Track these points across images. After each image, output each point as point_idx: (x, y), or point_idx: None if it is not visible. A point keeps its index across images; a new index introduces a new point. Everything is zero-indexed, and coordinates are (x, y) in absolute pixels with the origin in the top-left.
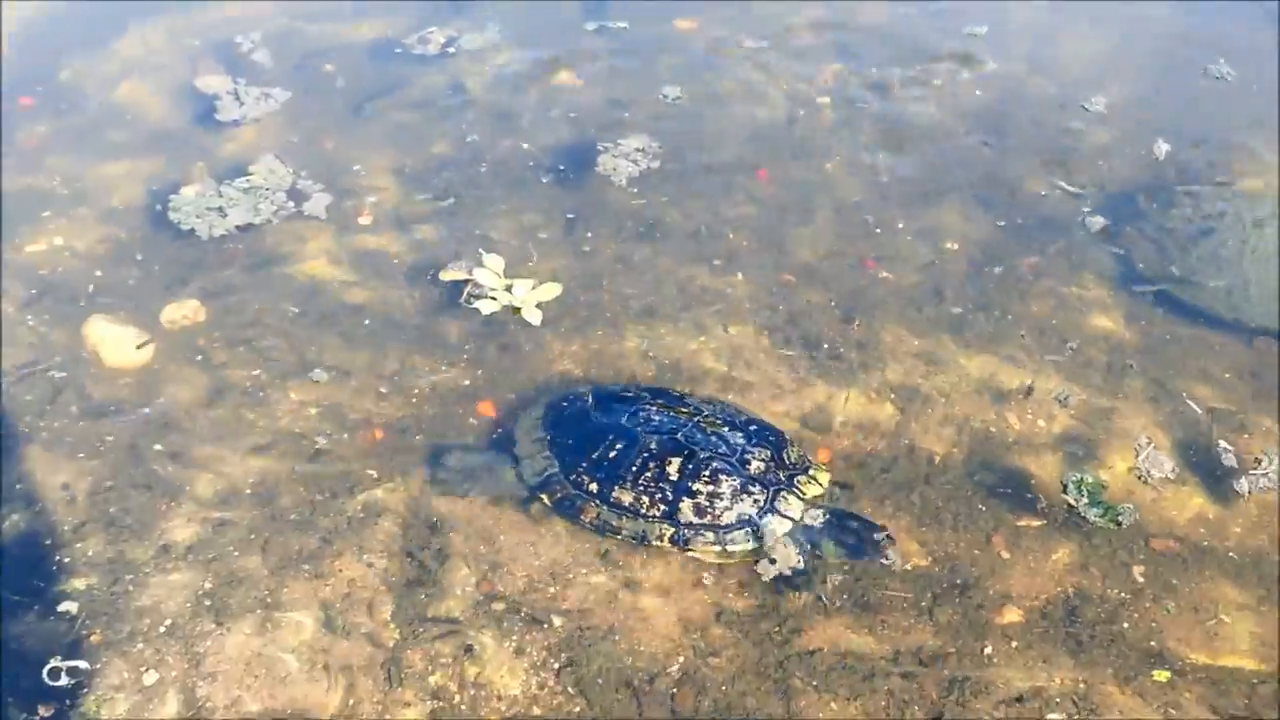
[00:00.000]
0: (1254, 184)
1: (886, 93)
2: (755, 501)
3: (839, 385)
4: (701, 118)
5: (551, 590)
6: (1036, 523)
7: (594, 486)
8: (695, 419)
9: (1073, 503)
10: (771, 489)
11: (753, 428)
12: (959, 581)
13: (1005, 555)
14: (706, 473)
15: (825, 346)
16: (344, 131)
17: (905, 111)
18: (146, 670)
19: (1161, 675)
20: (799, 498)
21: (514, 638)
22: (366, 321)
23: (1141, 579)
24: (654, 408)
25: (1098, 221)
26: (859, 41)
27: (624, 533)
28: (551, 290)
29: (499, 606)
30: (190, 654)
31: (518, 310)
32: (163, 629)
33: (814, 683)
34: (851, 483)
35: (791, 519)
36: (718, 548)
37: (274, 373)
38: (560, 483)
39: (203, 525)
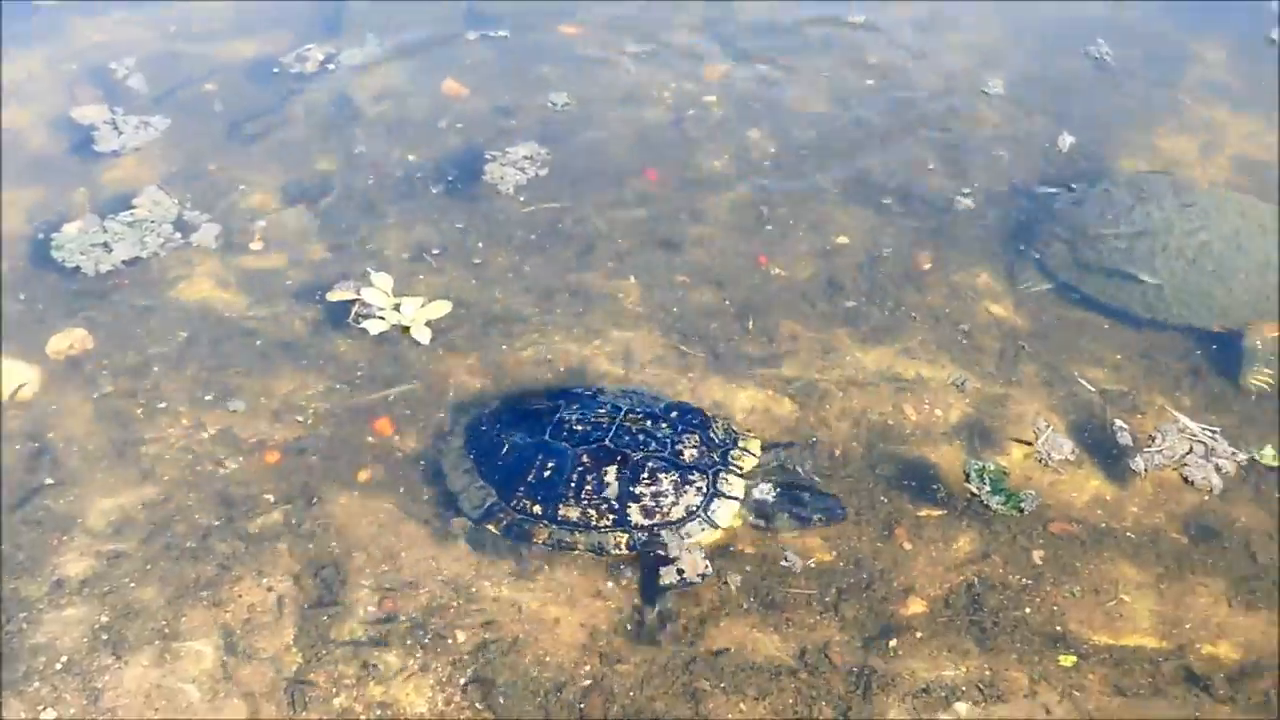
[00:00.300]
0: (1134, 165)
1: (773, 89)
2: (699, 490)
3: (736, 383)
4: (589, 122)
5: (455, 605)
6: (937, 513)
7: (538, 509)
8: (617, 419)
9: (975, 491)
10: (710, 473)
11: (674, 414)
12: (863, 575)
13: (907, 547)
14: (645, 474)
15: (721, 345)
16: (227, 154)
17: (793, 107)
18: (44, 709)
19: (1068, 659)
20: (738, 474)
21: (418, 655)
22: (258, 343)
23: (1041, 563)
24: (574, 417)
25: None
26: (743, 39)
27: (580, 547)
28: (441, 308)
29: (403, 624)
30: (88, 690)
31: (407, 329)
32: (59, 666)
33: (721, 684)
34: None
35: (737, 498)
36: (675, 542)
37: (164, 399)
38: (503, 510)
39: (96, 558)
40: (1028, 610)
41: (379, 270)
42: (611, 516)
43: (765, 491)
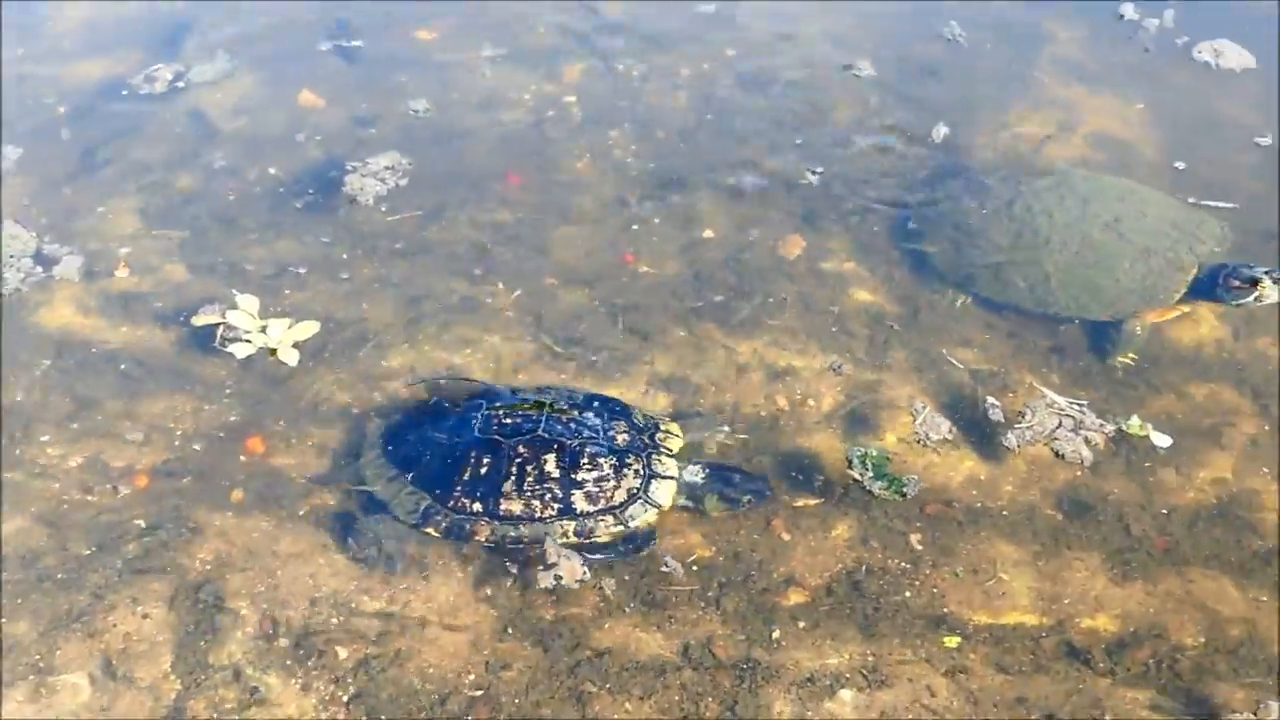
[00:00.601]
0: (994, 147)
1: (632, 86)
2: (636, 472)
3: (609, 383)
4: (450, 128)
5: (335, 621)
6: (814, 501)
7: (478, 506)
8: (544, 411)
9: (857, 477)
10: (644, 455)
11: (596, 404)
12: (743, 568)
13: (786, 537)
14: (585, 460)
15: (592, 346)
16: (83, 179)
17: (653, 103)
18: None
19: (952, 640)
20: (669, 454)
21: (300, 675)
22: (123, 367)
23: (920, 546)
24: (501, 411)
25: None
26: (600, 38)
27: (525, 540)
28: (308, 329)
29: (282, 644)
30: None
31: (274, 351)
32: None
33: (607, 685)
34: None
35: (673, 477)
36: (619, 527)
37: (30, 429)
38: (441, 512)
39: None
40: (908, 594)
41: (244, 289)
42: (556, 506)
43: (695, 473)
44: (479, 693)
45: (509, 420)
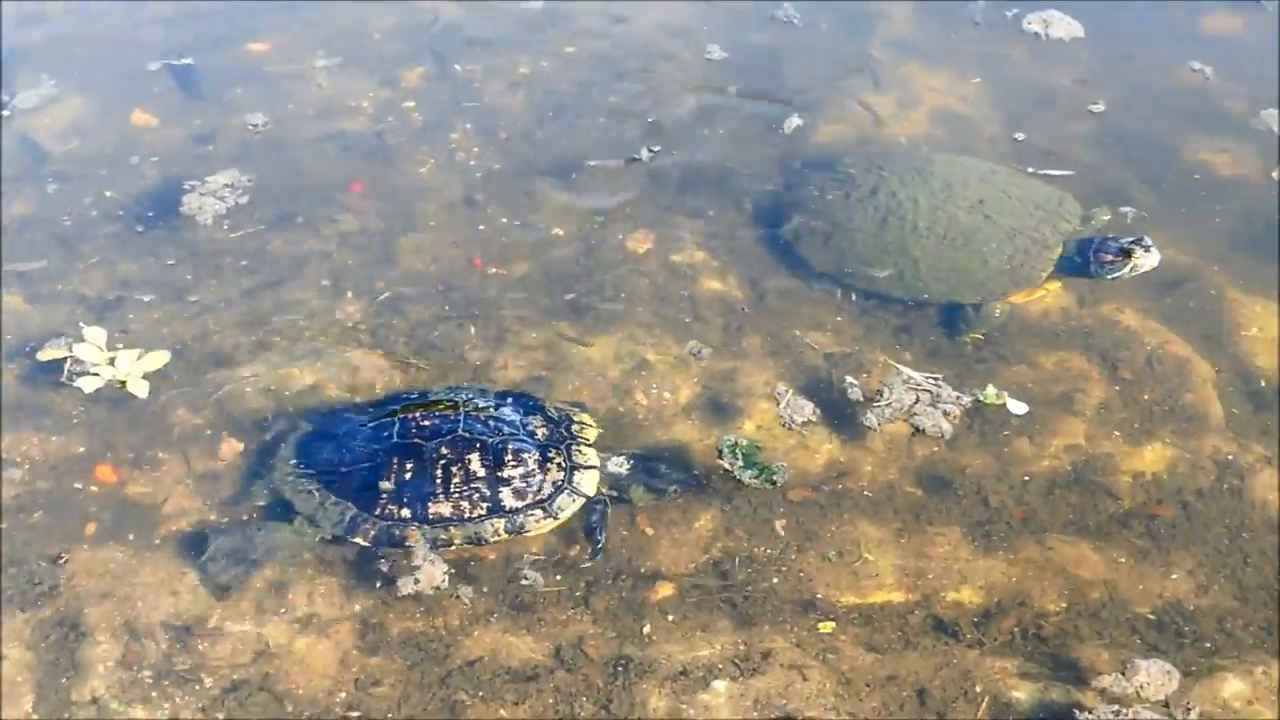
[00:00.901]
0: (839, 129)
1: (472, 87)
2: (559, 465)
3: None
4: (288, 141)
5: (199, 648)
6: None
7: (405, 511)
8: (461, 409)
9: (728, 466)
10: (564, 447)
11: (509, 399)
12: (609, 566)
13: (650, 532)
14: (509, 456)
15: (446, 353)
16: None
17: (493, 104)
18: None
19: (826, 626)
20: (587, 444)
21: (166, 706)
22: None
23: (784, 532)
24: (417, 414)
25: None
26: (437, 42)
27: (456, 542)
28: (158, 359)
29: (146, 675)
30: None
31: (124, 383)
32: None
33: (480, 693)
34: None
35: (595, 467)
36: (550, 520)
37: None
38: (367, 520)
39: None
40: (776, 580)
41: (89, 318)
42: (485, 505)
43: (620, 464)
44: (354, 713)
45: (428, 422)
